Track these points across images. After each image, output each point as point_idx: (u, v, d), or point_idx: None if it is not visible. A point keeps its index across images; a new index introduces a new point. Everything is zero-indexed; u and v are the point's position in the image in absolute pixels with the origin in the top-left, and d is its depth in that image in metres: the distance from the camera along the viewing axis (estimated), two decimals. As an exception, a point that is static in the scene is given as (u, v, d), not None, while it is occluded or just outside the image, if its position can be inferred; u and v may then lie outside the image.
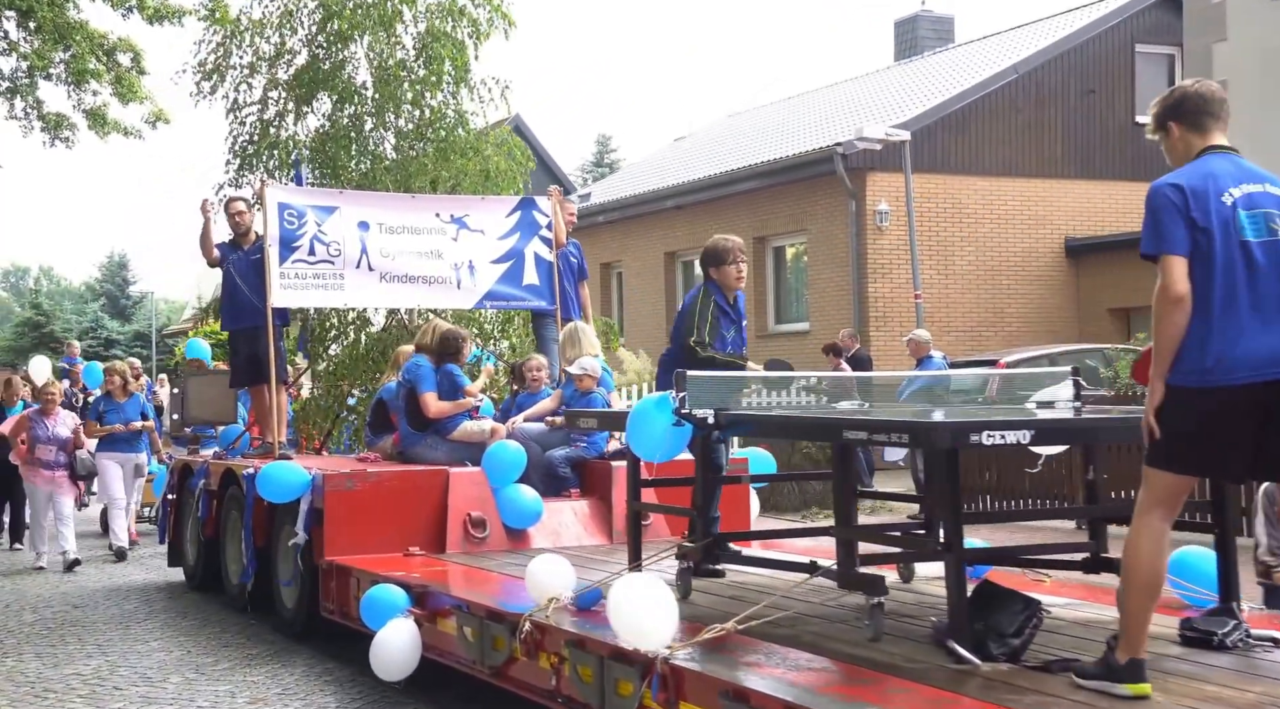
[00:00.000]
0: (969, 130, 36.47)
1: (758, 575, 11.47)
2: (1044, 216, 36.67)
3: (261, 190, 17.15)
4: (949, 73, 40.03)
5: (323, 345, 21.00)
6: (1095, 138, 37.34)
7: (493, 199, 18.99)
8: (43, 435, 21.08)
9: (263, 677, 12.77)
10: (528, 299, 18.09)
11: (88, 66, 29.58)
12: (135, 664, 13.46)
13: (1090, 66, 37.68)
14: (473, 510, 14.29)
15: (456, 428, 15.31)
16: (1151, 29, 37.99)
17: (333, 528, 13.91)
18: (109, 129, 30.73)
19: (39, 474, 21.15)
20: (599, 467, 15.16)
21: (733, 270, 12.05)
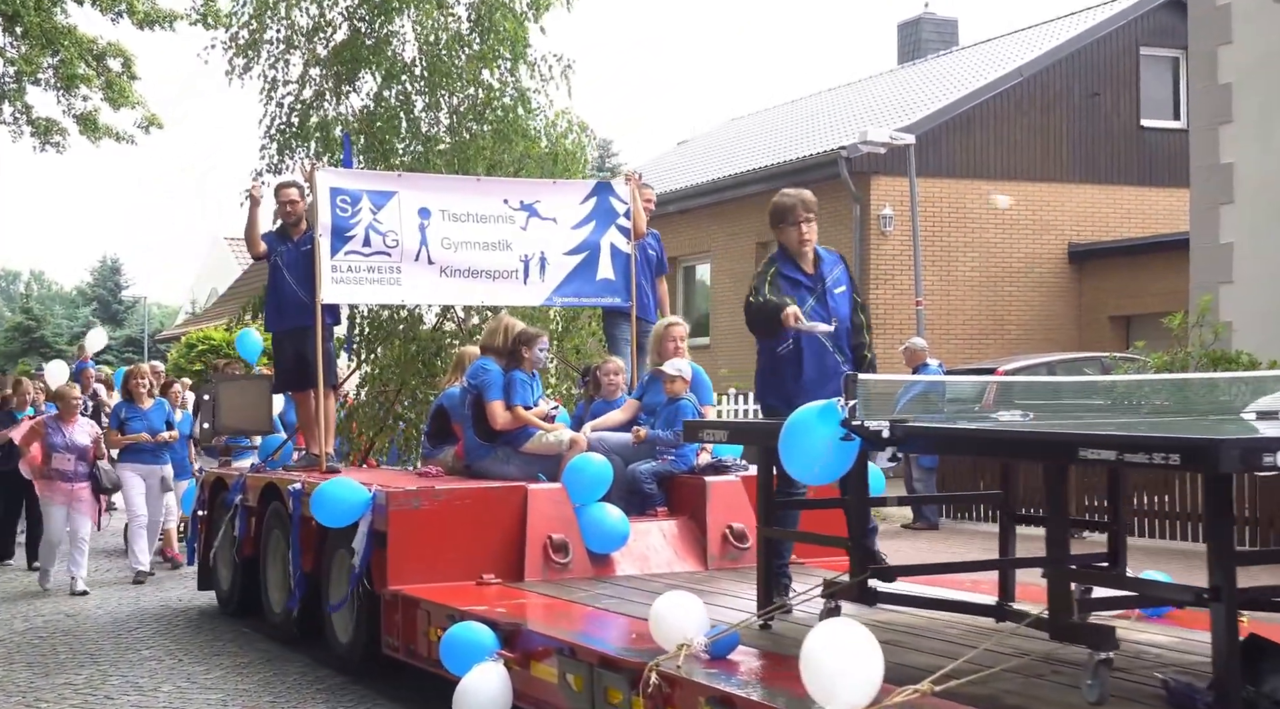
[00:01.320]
0: (973, 134, 35.43)
1: (910, 615, 9.62)
2: (1048, 222, 35.57)
3: (311, 173, 14.94)
4: (953, 76, 38.99)
5: (370, 347, 18.63)
6: (1100, 141, 36.20)
7: (565, 183, 16.82)
8: (60, 443, 18.28)
9: (255, 685, 12.36)
10: (601, 295, 15.93)
11: (77, 71, 29.22)
12: (127, 673, 12.96)
13: (1095, 69, 36.58)
14: (554, 532, 12.31)
15: (530, 439, 13.30)
16: (1156, 32, 36.89)
17: (397, 553, 11.94)
18: (100, 134, 30.37)
19: (56, 488, 18.33)
20: (689, 482, 13.17)
21: (794, 232, 10.43)
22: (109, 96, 30.04)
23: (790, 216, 10.43)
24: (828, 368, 10.43)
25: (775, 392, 10.53)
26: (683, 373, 13.46)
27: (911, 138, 30.88)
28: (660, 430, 13.31)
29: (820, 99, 46.46)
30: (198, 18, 29.21)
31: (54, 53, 29.26)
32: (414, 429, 17.14)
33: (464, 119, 18.37)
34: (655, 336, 14.10)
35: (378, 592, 12.08)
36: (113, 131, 30.67)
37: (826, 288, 10.56)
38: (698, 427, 10.46)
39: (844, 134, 35.30)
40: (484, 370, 13.45)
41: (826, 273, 10.62)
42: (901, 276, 33.39)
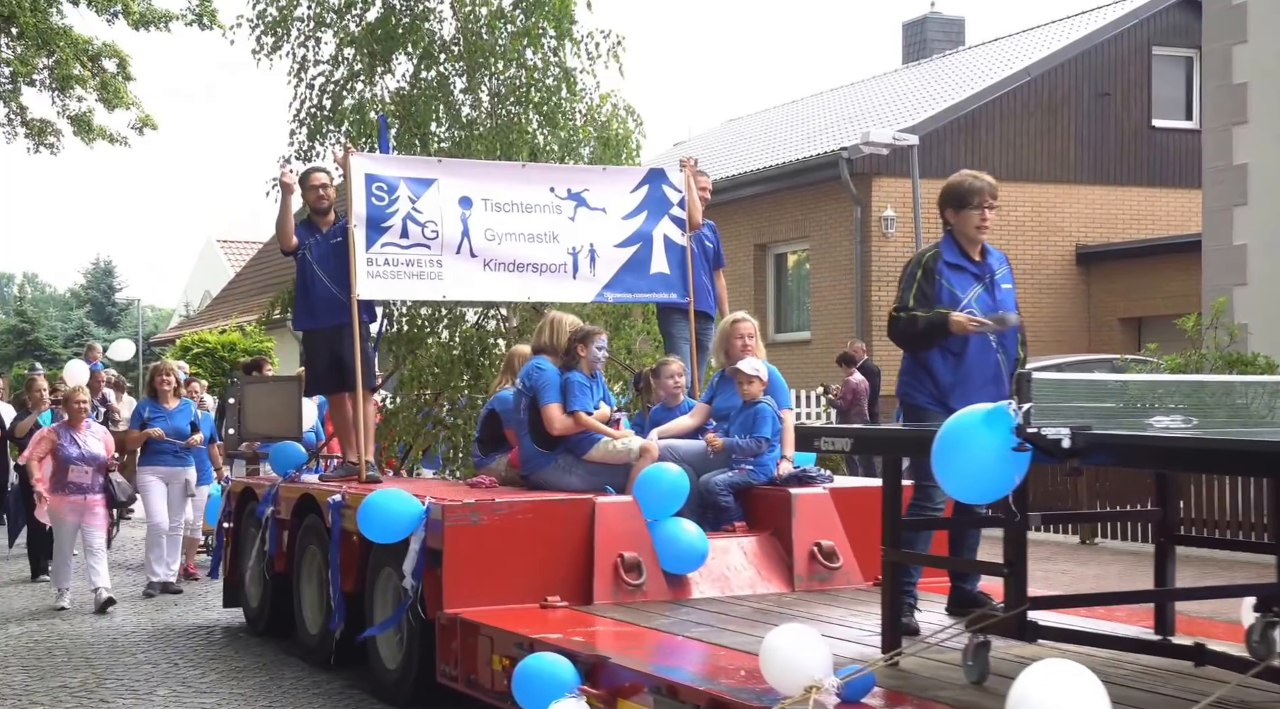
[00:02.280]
0: (979, 135, 34.44)
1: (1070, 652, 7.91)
2: (1055, 223, 34.56)
3: (345, 159, 13.39)
4: (959, 75, 37.91)
5: (409, 346, 16.64)
6: (1110, 142, 35.11)
7: (615, 170, 15.15)
8: (74, 454, 16.25)
9: (250, 689, 11.97)
10: (656, 290, 14.33)
11: (72, 72, 28.88)
12: (122, 676, 12.58)
13: (1105, 69, 35.45)
14: (625, 550, 10.76)
15: (595, 446, 11.71)
16: (1169, 31, 35.78)
17: (454, 573, 10.41)
18: (94, 136, 29.98)
19: (66, 501, 16.33)
20: (769, 495, 11.60)
21: (975, 216, 9.29)
22: (104, 97, 29.60)
23: (975, 199, 9.28)
24: (990, 368, 9.28)
25: (925, 389, 9.29)
26: (759, 373, 11.92)
27: (915, 138, 29.73)
28: (739, 437, 11.70)
29: (822, 99, 45.25)
30: (193, 18, 28.92)
31: (49, 53, 28.78)
32: (459, 435, 15.42)
33: (504, 102, 16.57)
34: (721, 334, 12.52)
35: (431, 615, 10.56)
36: (107, 133, 30.09)
37: (994, 280, 9.39)
38: (813, 433, 8.74)
39: (846, 135, 34.35)
40: (538, 371, 11.86)
41: (994, 265, 9.48)
42: None
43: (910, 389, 9.35)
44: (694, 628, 9.46)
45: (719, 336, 12.52)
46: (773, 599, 10.59)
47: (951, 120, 33.90)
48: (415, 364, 16.09)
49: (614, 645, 9.11)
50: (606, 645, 9.05)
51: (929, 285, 9.21)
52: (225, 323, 42.96)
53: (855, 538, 11.10)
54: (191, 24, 29.02)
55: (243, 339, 38.65)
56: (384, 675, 11.42)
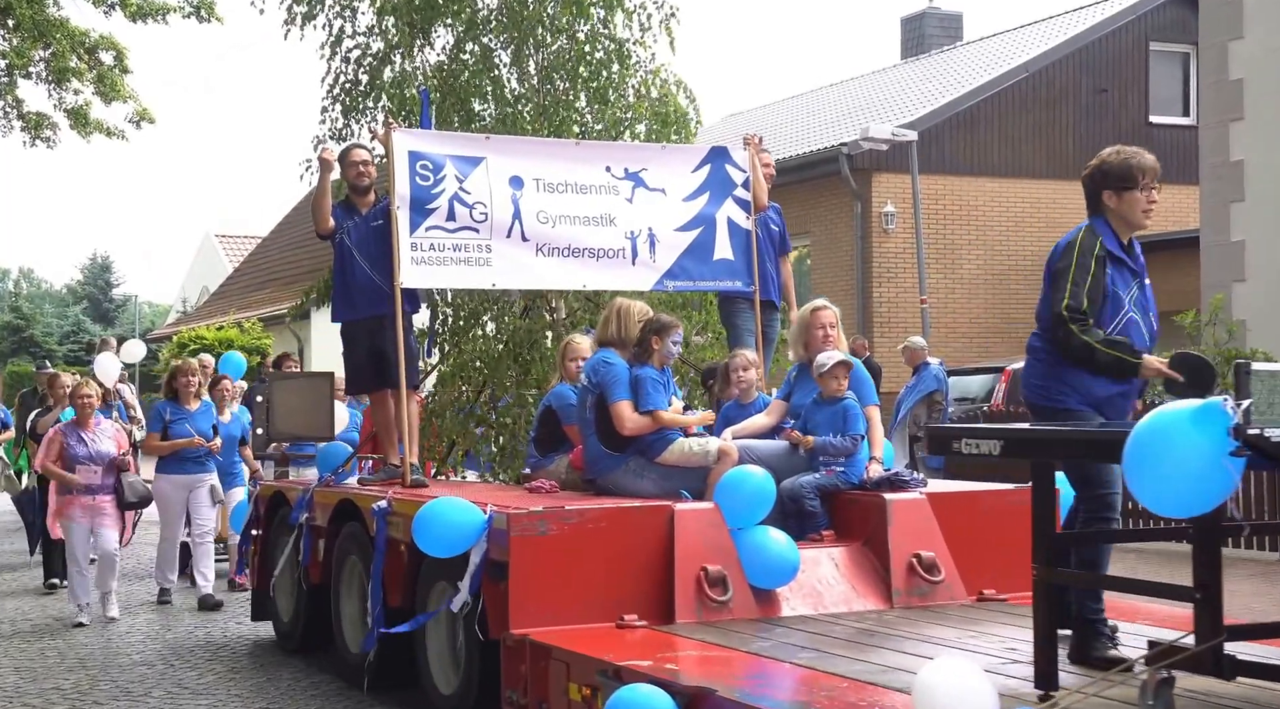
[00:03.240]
0: (978, 130, 33.69)
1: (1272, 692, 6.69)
2: (1054, 219, 33.41)
3: (386, 135, 11.91)
4: (957, 71, 36.94)
5: (454, 339, 14.94)
6: (1108, 138, 32.42)
7: (675, 149, 13.62)
8: (82, 453, 14.64)
9: (247, 690, 11.49)
10: (720, 278, 12.81)
11: (68, 65, 28.22)
12: (117, 678, 12.08)
13: (1103, 65, 34.64)
14: (709, 563, 9.31)
15: (669, 447, 10.26)
16: (1166, 27, 34.96)
17: (521, 588, 9.01)
18: (91, 129, 29.31)
19: (75, 503, 14.72)
20: (860, 500, 10.17)
21: (1140, 199, 7.88)
22: (100, 90, 28.95)
23: (1141, 179, 7.90)
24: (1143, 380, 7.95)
25: (1079, 391, 7.83)
26: (848, 366, 10.56)
27: (914, 134, 29.05)
28: (831, 436, 10.30)
29: (821, 95, 44.13)
30: (191, 10, 28.39)
31: (45, 45, 28.08)
32: (508, 434, 13.88)
33: (549, 76, 14.95)
34: (800, 324, 11.08)
35: (495, 635, 9.16)
36: (104, 126, 29.42)
37: (1142, 269, 8.08)
38: (950, 435, 7.23)
39: (845, 130, 33.61)
40: (605, 365, 10.42)
41: (1141, 258, 8.13)
42: (904, 275, 31.78)
43: (1056, 390, 7.90)
44: (797, 652, 8.10)
45: (798, 326, 11.09)
46: (873, 618, 9.21)
47: (950, 116, 33.16)
48: (458, 358, 14.53)
49: (715, 674, 7.72)
50: (706, 674, 7.67)
51: (1101, 278, 7.79)
52: (223, 319, 41.62)
53: (953, 548, 9.75)
54: (189, 16, 28.40)
55: (240, 335, 37.32)
56: (438, 700, 10.01)
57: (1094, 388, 7.75)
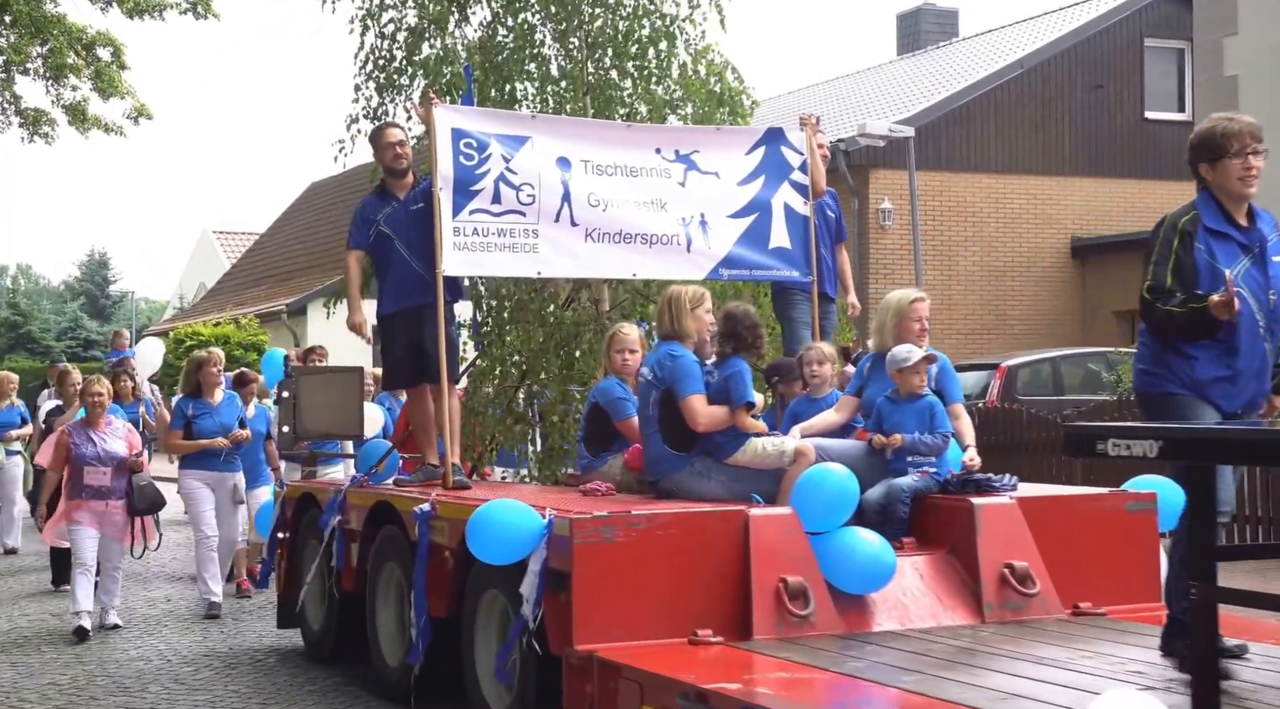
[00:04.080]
0: (974, 127, 32.75)
1: None
2: (1049, 216, 32.96)
3: (427, 110, 10.77)
4: (953, 67, 35.94)
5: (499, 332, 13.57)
6: (1103, 134, 33.41)
7: (729, 130, 12.49)
8: (90, 453, 13.31)
9: (245, 686, 11.09)
10: (776, 267, 11.70)
11: (66, 61, 27.61)
12: (113, 673, 11.69)
13: (1098, 61, 33.69)
14: (788, 573, 8.22)
15: (741, 447, 9.10)
16: (1161, 23, 34.01)
17: (586, 600, 7.95)
18: (89, 125, 28.66)
19: (83, 507, 13.37)
20: (945, 505, 9.07)
21: (1235, 166, 7.20)
22: (98, 86, 28.50)
23: (1234, 145, 7.18)
24: (1258, 359, 7.19)
25: (1178, 374, 7.13)
26: (933, 361, 9.59)
27: (911, 130, 28.20)
28: (918, 433, 9.23)
29: (817, 91, 42.88)
30: (188, 7, 27.82)
31: (43, 42, 27.48)
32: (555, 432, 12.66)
33: (592, 55, 13.63)
34: (896, 313, 9.91)
35: (557, 651, 8.10)
36: (101, 122, 28.75)
37: (1265, 250, 7.27)
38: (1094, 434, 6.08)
39: (842, 126, 32.50)
40: (672, 359, 9.27)
41: (1266, 232, 7.33)
42: (901, 271, 30.73)
43: (1156, 377, 7.19)
44: (899, 675, 7.09)
45: (892, 315, 9.89)
46: (967, 634, 8.15)
47: (946, 112, 32.31)
48: (498, 352, 13.27)
49: (812, 700, 6.78)
50: (803, 700, 6.71)
51: (1187, 255, 7.09)
52: (220, 315, 40.62)
53: (1045, 557, 8.67)
54: (186, 12, 27.79)
55: (237, 332, 36.37)
56: (491, 721, 9.04)
57: (1194, 370, 7.07)
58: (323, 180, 53.45)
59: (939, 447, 9.19)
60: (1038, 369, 25.58)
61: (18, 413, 19.41)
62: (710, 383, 9.16)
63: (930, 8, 43.52)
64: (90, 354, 60.81)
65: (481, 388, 13.26)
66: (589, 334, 12.79)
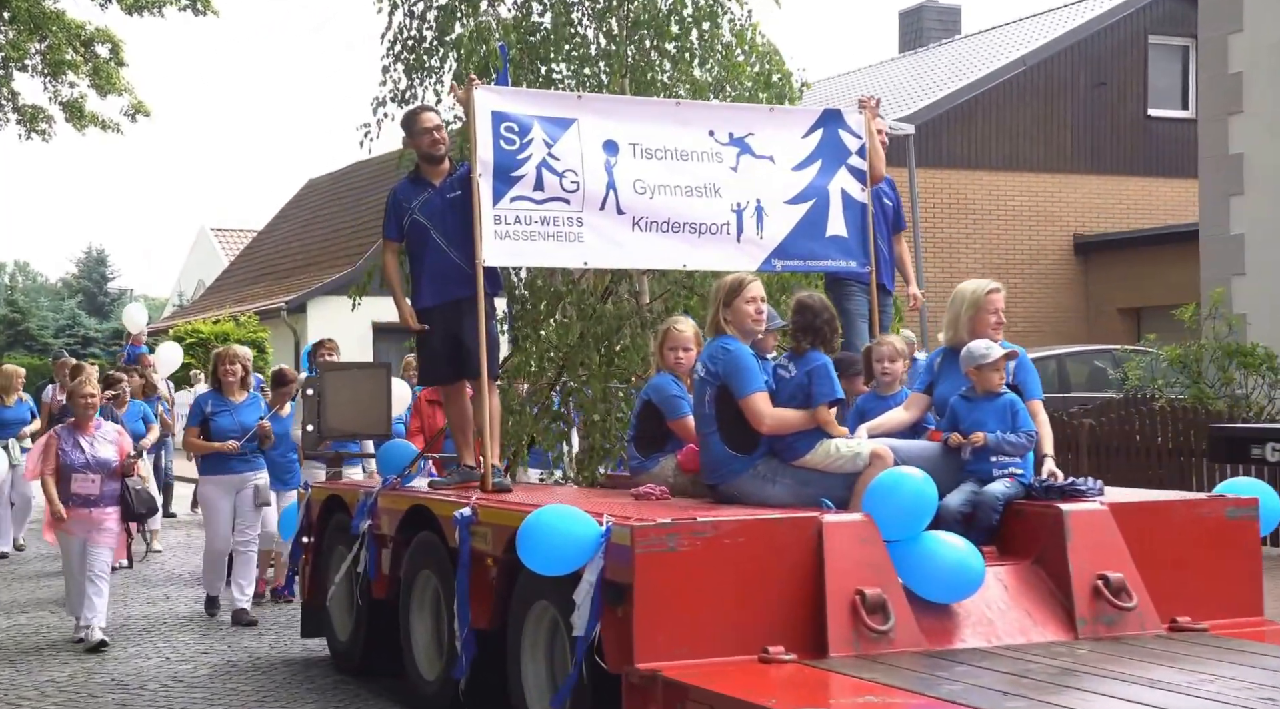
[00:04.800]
0: (976, 124, 32.13)
1: None
2: (1052, 213, 32.29)
3: (467, 92, 9.91)
4: (955, 65, 35.19)
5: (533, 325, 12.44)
6: (1106, 132, 32.71)
7: (784, 111, 11.51)
8: (79, 460, 12.33)
9: (244, 684, 10.90)
10: (832, 257, 10.80)
11: (64, 57, 26.89)
12: (112, 670, 11.49)
13: (1102, 58, 32.97)
14: (865, 585, 7.41)
15: (812, 449, 8.28)
16: (1165, 20, 33.28)
17: (648, 614, 7.12)
18: (87, 122, 27.96)
19: (72, 515, 12.37)
20: (1031, 511, 8.24)
21: None
22: (96, 83, 27.43)
23: None
24: None
25: None
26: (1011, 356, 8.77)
27: (911, 128, 27.51)
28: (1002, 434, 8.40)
29: (818, 88, 41.53)
30: (187, 3, 27.02)
31: (41, 38, 26.71)
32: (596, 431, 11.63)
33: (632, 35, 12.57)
34: (969, 305, 9.08)
35: (615, 669, 7.27)
36: (99, 119, 27.97)
37: None
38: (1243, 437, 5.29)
39: None
40: (725, 353, 8.45)
41: None
42: None
43: None
44: (1001, 699, 6.27)
45: (966, 307, 9.05)
46: (1063, 652, 7.31)
47: (948, 109, 31.65)
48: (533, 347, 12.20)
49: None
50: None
51: None
52: (219, 312, 39.72)
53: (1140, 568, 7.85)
54: (185, 9, 26.99)
55: (236, 329, 35.51)
56: (540, 739, 8.19)
57: None
58: (320, 177, 52.65)
59: (1024, 447, 8.40)
60: (1043, 366, 24.63)
61: (27, 408, 18.45)
62: (785, 378, 8.36)
63: (932, 5, 42.63)
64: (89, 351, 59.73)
65: (514, 384, 12.30)
66: (630, 328, 11.92)
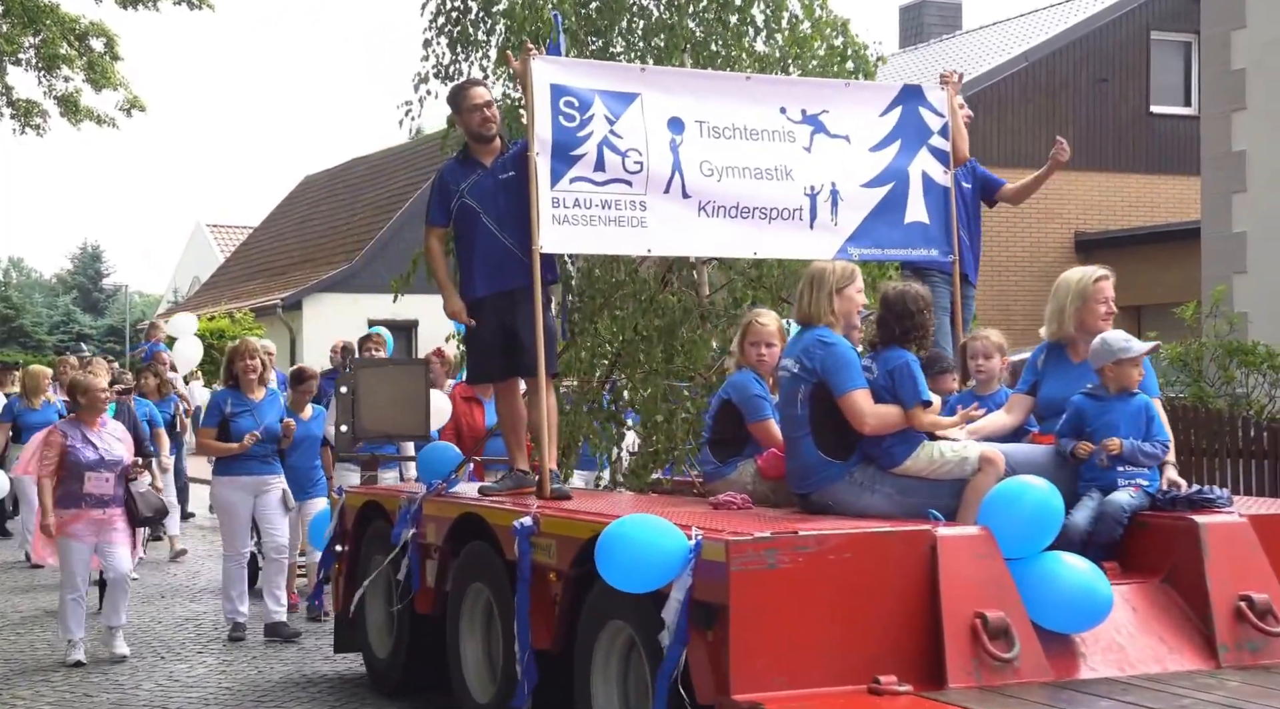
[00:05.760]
0: (977, 120, 29.71)
1: None
2: (1053, 210, 31.35)
3: (524, 64, 8.86)
4: (956, 61, 34.02)
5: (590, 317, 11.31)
6: (1108, 128, 31.79)
7: (861, 87, 10.65)
8: (91, 457, 11.12)
9: (239, 684, 10.60)
10: (912, 245, 9.78)
11: (59, 52, 26.17)
12: (107, 670, 11.13)
13: (1104, 54, 32.08)
14: (986, 607, 6.43)
15: (913, 453, 7.30)
16: (1168, 16, 32.35)
17: (746, 639, 6.15)
18: (81, 117, 27.14)
19: (81, 518, 11.17)
20: (1158, 523, 7.27)
21: None
22: (91, 77, 26.64)
23: None
24: None
25: None
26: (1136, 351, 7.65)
27: None
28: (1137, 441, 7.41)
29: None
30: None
31: (35, 32, 25.98)
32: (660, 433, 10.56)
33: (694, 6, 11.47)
34: (1076, 295, 8.10)
35: (707, 701, 6.29)
36: (94, 114, 27.14)
37: None
38: None
39: None
40: (823, 346, 7.45)
41: None
42: None
43: None
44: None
45: (1073, 297, 8.08)
46: (1211, 684, 6.34)
47: (949, 106, 30.47)
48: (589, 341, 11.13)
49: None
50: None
51: None
52: (214, 309, 38.69)
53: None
54: (180, 3, 26.29)
55: (231, 326, 34.55)
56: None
57: None
58: (316, 173, 51.93)
59: (1159, 459, 7.44)
60: (1043, 366, 24.21)
61: (54, 409, 17.06)
62: (867, 379, 7.39)
63: (934, 0, 41.58)
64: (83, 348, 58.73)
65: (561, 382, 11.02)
66: (689, 321, 10.84)
